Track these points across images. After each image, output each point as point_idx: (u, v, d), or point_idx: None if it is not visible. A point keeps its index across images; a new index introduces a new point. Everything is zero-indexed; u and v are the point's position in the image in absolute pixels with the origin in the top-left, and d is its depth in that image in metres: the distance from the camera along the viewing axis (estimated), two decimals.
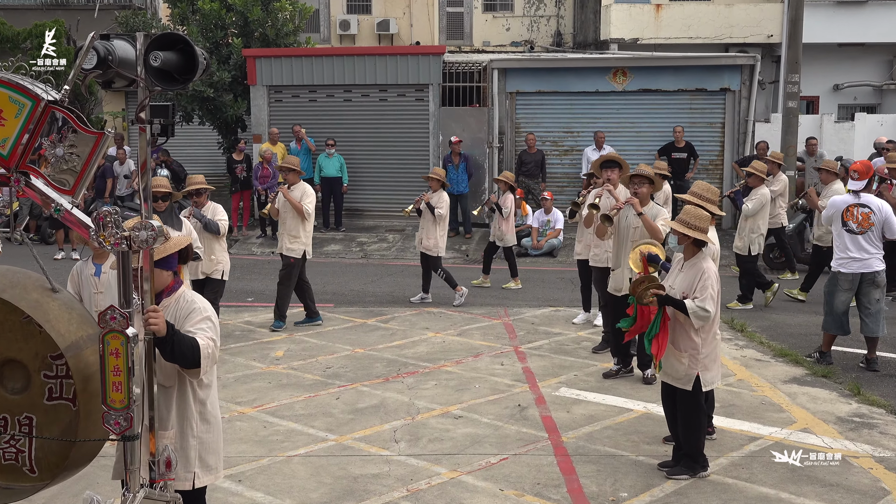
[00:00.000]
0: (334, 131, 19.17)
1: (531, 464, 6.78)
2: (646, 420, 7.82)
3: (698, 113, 18.73)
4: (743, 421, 7.73)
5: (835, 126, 19.83)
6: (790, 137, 16.63)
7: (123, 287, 3.87)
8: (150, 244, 3.90)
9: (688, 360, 6.44)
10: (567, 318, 11.75)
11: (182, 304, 4.49)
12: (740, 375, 9.20)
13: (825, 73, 22.24)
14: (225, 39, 19.78)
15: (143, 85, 3.95)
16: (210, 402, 4.59)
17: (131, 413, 3.80)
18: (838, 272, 9.44)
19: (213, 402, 4.63)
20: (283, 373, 9.28)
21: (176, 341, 4.10)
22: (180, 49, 4.01)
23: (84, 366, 3.87)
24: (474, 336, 10.82)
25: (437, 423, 7.69)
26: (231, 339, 10.63)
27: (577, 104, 19.12)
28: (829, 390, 8.71)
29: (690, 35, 21.76)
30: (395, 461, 6.84)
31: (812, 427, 7.62)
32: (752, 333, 10.92)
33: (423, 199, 12.53)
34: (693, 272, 6.43)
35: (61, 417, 3.92)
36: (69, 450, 3.91)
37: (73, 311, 4.01)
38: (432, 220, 12.48)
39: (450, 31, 25.02)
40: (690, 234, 6.43)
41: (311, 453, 7.01)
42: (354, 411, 8.03)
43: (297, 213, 10.90)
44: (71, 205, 3.88)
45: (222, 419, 7.59)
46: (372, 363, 9.62)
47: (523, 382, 8.91)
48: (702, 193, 7.11)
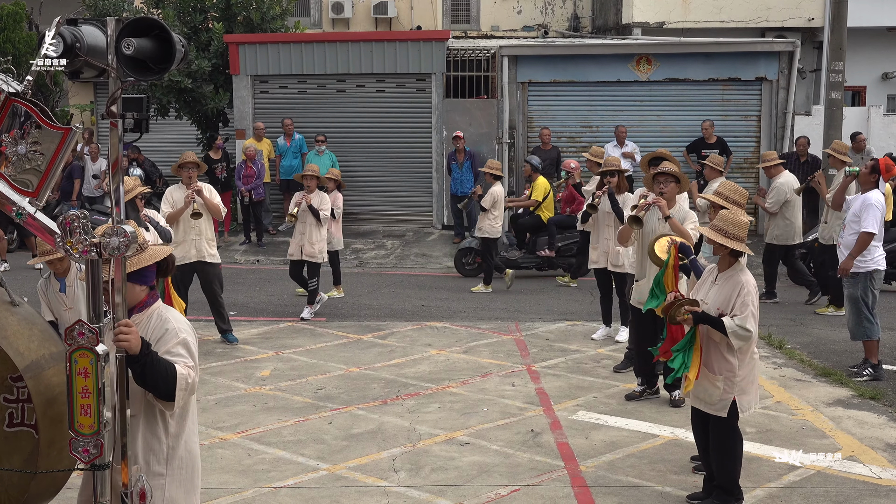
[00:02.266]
0: (326, 126, 19.22)
1: (545, 496, 6.78)
2: (673, 447, 7.81)
3: (731, 105, 18.76)
4: (782, 448, 7.72)
5: (883, 119, 19.81)
6: (833, 132, 16.62)
7: (93, 300, 3.87)
8: (122, 252, 3.88)
9: (723, 384, 6.38)
10: (585, 333, 11.75)
11: (155, 321, 4.38)
12: (778, 397, 9.20)
13: (873, 60, 22.20)
14: (204, 24, 19.85)
15: (114, 75, 3.95)
16: (185, 436, 4.44)
17: (101, 439, 3.78)
18: (875, 270, 9.76)
19: (190, 434, 4.48)
20: (269, 395, 9.29)
21: (149, 363, 4.03)
22: (155, 35, 4.01)
23: (45, 388, 3.87)
24: (482, 353, 10.83)
25: (441, 451, 7.69)
26: (212, 356, 10.65)
27: (597, 96, 19.16)
28: (878, 413, 8.70)
29: (722, 18, 21.75)
30: (393, 493, 6.84)
31: (859, 455, 7.61)
32: (791, 351, 10.92)
33: (303, 200, 12.50)
34: (730, 286, 6.38)
35: (23, 446, 3.91)
36: (30, 482, 3.90)
37: (35, 327, 4.02)
38: (315, 223, 12.50)
39: (454, 14, 25.06)
40: (728, 244, 6.35)
41: (301, 484, 7.01)
42: (349, 437, 8.03)
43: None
44: (34, 208, 3.89)
45: (202, 447, 7.63)
46: (368, 384, 9.63)
47: (536, 405, 8.92)
48: (728, 195, 7.09)
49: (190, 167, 10.99)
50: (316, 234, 12.51)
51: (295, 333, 11.83)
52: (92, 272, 3.87)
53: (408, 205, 19.69)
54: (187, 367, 4.21)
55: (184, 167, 10.99)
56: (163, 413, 4.31)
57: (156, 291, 4.53)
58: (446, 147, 18.68)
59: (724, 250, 6.42)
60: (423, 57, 19.12)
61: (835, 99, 16.77)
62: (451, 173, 17.97)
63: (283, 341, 11.41)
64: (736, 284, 6.34)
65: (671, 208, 8.51)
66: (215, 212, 11.13)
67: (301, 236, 12.54)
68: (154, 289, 4.50)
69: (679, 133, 18.66)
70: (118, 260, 3.97)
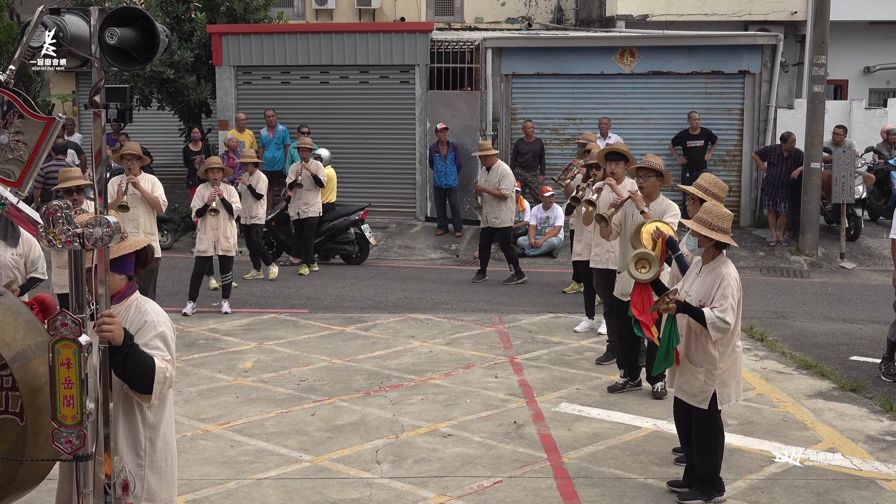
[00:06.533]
0: (309, 117, 19.16)
1: (528, 487, 6.81)
2: (655, 439, 7.86)
3: (714, 98, 18.81)
4: (763, 440, 7.78)
5: (865, 113, 19.91)
6: (816, 125, 16.72)
7: (76, 290, 3.86)
8: (105, 242, 3.88)
9: (704, 376, 6.44)
10: (568, 325, 11.79)
11: (133, 312, 4.40)
12: (760, 389, 9.26)
13: (855, 54, 22.32)
14: (187, 14, 19.75)
15: (97, 65, 3.94)
16: (163, 426, 4.47)
17: (84, 430, 3.78)
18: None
19: (167, 425, 4.51)
20: (252, 386, 9.28)
21: (131, 355, 4.04)
22: (139, 25, 4.00)
23: (32, 378, 3.87)
24: (465, 345, 10.85)
25: (424, 443, 7.71)
26: (194, 348, 10.63)
27: (580, 88, 19.17)
28: (859, 406, 8.77)
29: (706, 12, 21.81)
30: (376, 484, 6.85)
31: (839, 446, 7.67)
32: (773, 343, 10.98)
33: (215, 194, 12.38)
34: (712, 278, 6.42)
35: (8, 434, 3.91)
36: (16, 470, 3.91)
37: (20, 317, 4.01)
38: (228, 217, 12.45)
39: (438, 6, 25.04)
40: (713, 236, 6.37)
41: (284, 475, 7.02)
42: (332, 429, 8.04)
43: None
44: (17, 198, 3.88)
45: (184, 438, 7.64)
46: (351, 375, 9.64)
47: (519, 397, 8.94)
48: (708, 187, 7.11)
49: (130, 159, 10.89)
50: (230, 227, 12.49)
51: (277, 325, 11.82)
52: (75, 262, 3.86)
53: (391, 196, 19.65)
54: (165, 361, 4.23)
55: (125, 158, 10.91)
56: (140, 404, 4.33)
57: (134, 283, 4.52)
58: (430, 139, 18.67)
59: (709, 242, 6.46)
60: (407, 48, 19.08)
61: (817, 92, 16.86)
62: (434, 165, 17.94)
63: (265, 332, 11.39)
64: (717, 276, 6.39)
65: (653, 201, 8.55)
66: (153, 204, 10.96)
67: (214, 231, 12.35)
68: (132, 280, 4.50)
69: (662, 125, 18.70)
70: (101, 251, 3.96)
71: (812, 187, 16.54)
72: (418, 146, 19.15)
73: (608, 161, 9.61)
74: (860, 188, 16.97)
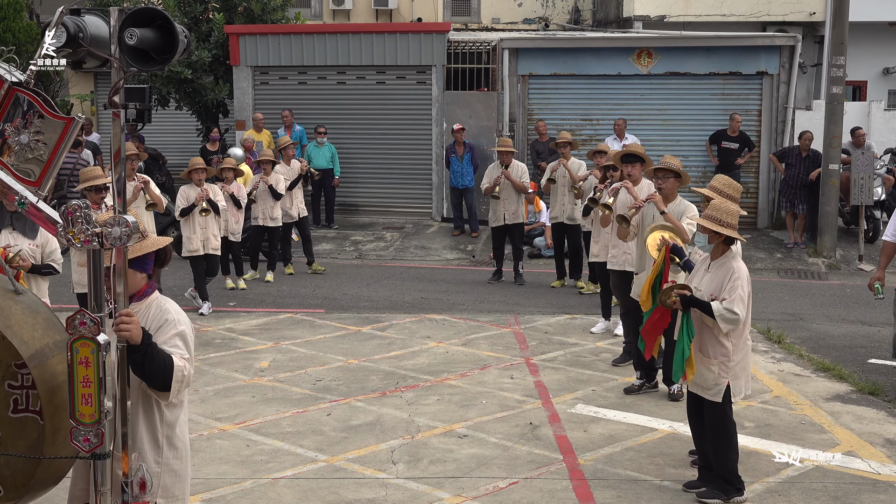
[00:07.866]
0: (326, 117, 19.20)
1: (544, 489, 6.80)
2: (672, 441, 7.83)
3: (732, 99, 18.73)
4: (780, 443, 7.73)
5: (884, 114, 19.81)
6: (834, 127, 16.62)
7: (94, 289, 3.88)
8: (124, 242, 3.90)
9: (718, 369, 6.52)
10: (584, 326, 11.76)
11: (154, 311, 4.43)
12: (777, 392, 9.22)
13: (874, 55, 22.19)
14: (205, 15, 19.82)
15: (117, 65, 3.96)
16: (179, 425, 4.52)
17: (102, 429, 3.80)
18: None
19: (183, 424, 4.56)
20: (268, 386, 9.31)
21: (149, 354, 4.07)
22: (158, 25, 4.01)
23: (50, 376, 3.89)
24: (481, 346, 10.85)
25: (440, 443, 7.72)
26: (211, 347, 10.66)
27: (597, 89, 19.13)
28: (877, 409, 8.73)
29: (723, 12, 21.74)
30: (392, 485, 6.86)
31: (857, 450, 7.63)
32: (790, 345, 10.93)
33: (202, 196, 12.41)
34: (722, 272, 6.52)
35: (28, 432, 3.93)
36: (36, 468, 3.93)
37: (39, 316, 4.03)
38: (215, 216, 12.54)
39: (455, 6, 25.04)
40: (723, 231, 6.47)
41: (299, 475, 7.03)
42: (347, 429, 8.05)
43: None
44: (37, 198, 3.90)
45: (201, 437, 7.67)
46: (367, 375, 9.65)
47: (535, 398, 8.94)
48: (722, 189, 7.13)
49: (131, 158, 11.33)
50: (217, 226, 12.64)
51: (294, 325, 11.84)
52: (93, 261, 3.88)
53: (407, 197, 19.67)
54: (183, 360, 4.26)
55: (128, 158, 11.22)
56: (158, 402, 4.37)
57: (154, 281, 4.55)
58: (446, 140, 18.67)
59: (718, 238, 6.56)
60: (424, 49, 19.09)
61: (836, 94, 16.77)
62: (450, 166, 17.94)
63: (282, 332, 11.42)
64: (728, 270, 6.50)
65: (671, 202, 8.55)
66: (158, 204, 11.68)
67: (203, 230, 12.42)
68: (152, 278, 4.53)
69: (679, 126, 18.65)
70: (119, 250, 3.98)
71: (830, 189, 16.46)
72: (435, 147, 19.15)
73: (624, 163, 9.66)
74: (879, 190, 16.88)
